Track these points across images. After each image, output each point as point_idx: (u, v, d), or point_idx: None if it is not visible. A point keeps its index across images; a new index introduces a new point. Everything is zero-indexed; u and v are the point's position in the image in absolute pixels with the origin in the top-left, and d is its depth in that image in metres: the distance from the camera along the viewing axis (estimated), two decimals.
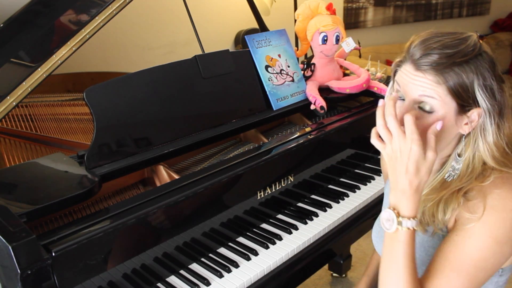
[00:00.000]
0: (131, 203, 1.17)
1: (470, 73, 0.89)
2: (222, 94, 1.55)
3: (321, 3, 1.85)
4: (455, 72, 0.88)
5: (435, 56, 0.89)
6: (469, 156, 0.94)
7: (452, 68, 0.88)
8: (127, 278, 1.14)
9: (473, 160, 0.94)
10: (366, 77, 1.85)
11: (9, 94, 1.27)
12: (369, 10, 3.87)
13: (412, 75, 0.92)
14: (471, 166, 0.94)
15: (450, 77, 0.88)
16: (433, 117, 0.91)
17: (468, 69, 0.89)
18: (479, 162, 0.94)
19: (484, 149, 0.93)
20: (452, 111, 0.91)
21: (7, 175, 1.23)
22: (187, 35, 2.25)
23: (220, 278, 1.23)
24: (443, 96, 0.89)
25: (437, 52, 0.89)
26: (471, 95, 0.90)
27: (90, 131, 1.60)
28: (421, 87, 0.91)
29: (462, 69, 0.89)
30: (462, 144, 0.95)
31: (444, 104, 0.90)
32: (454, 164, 0.96)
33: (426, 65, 0.90)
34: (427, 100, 0.91)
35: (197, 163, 1.52)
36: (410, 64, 0.93)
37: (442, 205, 0.94)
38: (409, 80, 0.92)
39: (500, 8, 4.92)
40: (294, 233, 1.42)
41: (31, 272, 0.93)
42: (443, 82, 0.89)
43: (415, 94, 0.92)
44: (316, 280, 2.38)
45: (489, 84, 0.90)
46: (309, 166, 1.59)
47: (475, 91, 0.89)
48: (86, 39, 1.39)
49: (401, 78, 0.95)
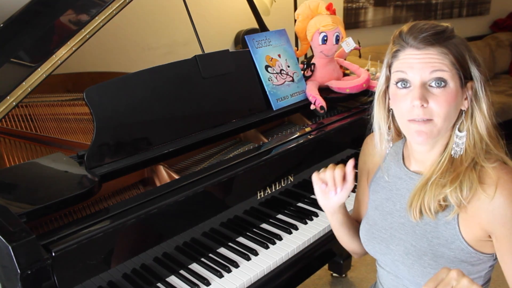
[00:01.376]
0: (131, 203, 1.17)
1: (461, 45, 0.96)
2: (222, 94, 1.55)
3: (321, 3, 1.85)
4: (453, 43, 0.95)
5: (432, 32, 0.95)
6: (469, 129, 0.98)
7: (449, 40, 0.95)
8: (127, 278, 1.14)
9: (472, 132, 0.98)
10: (366, 77, 1.85)
11: (9, 94, 1.27)
12: (369, 10, 3.87)
13: (418, 55, 0.95)
14: (472, 139, 0.98)
15: (451, 46, 0.95)
16: (447, 90, 0.94)
17: (458, 41, 0.96)
18: (478, 133, 0.98)
19: (480, 119, 0.97)
20: (458, 83, 0.95)
21: (7, 175, 1.23)
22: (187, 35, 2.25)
23: (220, 278, 1.23)
24: (450, 67, 0.94)
25: (431, 30, 0.95)
26: (467, 67, 0.96)
27: (90, 131, 1.60)
28: (430, 63, 0.94)
29: (456, 41, 0.96)
30: (461, 119, 0.99)
31: (452, 76, 0.94)
32: (457, 140, 0.99)
33: (428, 41, 0.94)
34: (439, 75, 0.94)
35: (197, 163, 1.52)
36: (410, 48, 0.96)
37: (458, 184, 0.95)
38: (417, 62, 0.95)
39: (500, 8, 4.91)
40: (294, 233, 1.42)
41: (31, 272, 0.93)
42: (448, 52, 0.94)
43: (427, 72, 0.94)
44: (316, 280, 2.38)
45: (475, 55, 0.97)
46: (309, 166, 1.59)
47: (469, 62, 0.96)
48: (86, 39, 1.39)
49: (405, 64, 0.97)
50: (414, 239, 1.02)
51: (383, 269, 1.14)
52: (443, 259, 0.98)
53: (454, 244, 0.97)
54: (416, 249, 1.01)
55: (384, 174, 1.12)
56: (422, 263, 1.00)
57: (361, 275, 2.40)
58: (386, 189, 1.11)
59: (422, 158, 1.05)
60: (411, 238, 1.03)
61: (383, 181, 1.12)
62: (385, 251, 1.09)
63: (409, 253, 1.03)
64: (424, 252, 1.00)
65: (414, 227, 1.03)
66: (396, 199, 1.08)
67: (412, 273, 1.03)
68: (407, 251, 1.03)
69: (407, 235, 1.04)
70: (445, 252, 0.98)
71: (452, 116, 0.97)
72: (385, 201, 1.11)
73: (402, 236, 1.05)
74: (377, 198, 1.14)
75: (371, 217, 1.14)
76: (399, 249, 1.05)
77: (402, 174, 1.08)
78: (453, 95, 0.94)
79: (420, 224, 1.01)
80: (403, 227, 1.05)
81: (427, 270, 0.99)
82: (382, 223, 1.10)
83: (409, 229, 1.04)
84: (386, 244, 1.08)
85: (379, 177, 1.14)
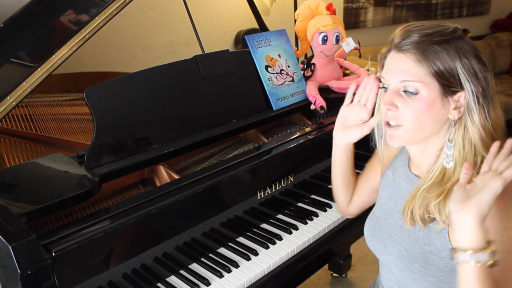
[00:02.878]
0: (131, 203, 1.17)
1: (451, 51, 0.90)
2: (222, 94, 1.55)
3: (321, 3, 1.85)
4: (434, 50, 0.90)
5: (415, 37, 0.92)
6: (459, 140, 0.94)
7: (431, 46, 0.91)
8: (127, 278, 1.14)
9: (464, 144, 0.94)
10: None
11: (9, 94, 1.27)
12: (369, 10, 3.87)
13: (394, 59, 0.95)
14: (462, 151, 0.94)
15: (429, 54, 0.90)
16: (419, 98, 0.92)
17: (448, 47, 0.91)
18: (470, 145, 0.94)
19: (473, 131, 0.93)
20: (437, 92, 0.92)
21: (7, 175, 1.23)
22: (187, 35, 2.25)
23: (220, 278, 1.23)
24: (422, 77, 0.91)
25: (416, 33, 0.92)
26: (455, 76, 0.91)
27: (90, 131, 1.60)
28: (401, 71, 0.93)
29: (442, 47, 0.91)
30: (452, 130, 0.96)
31: (425, 85, 0.92)
32: (446, 150, 0.96)
33: (406, 45, 0.92)
34: (408, 85, 0.93)
35: (197, 163, 1.52)
36: (392, 51, 0.96)
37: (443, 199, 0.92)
38: (392, 67, 0.95)
39: (500, 8, 4.91)
40: (294, 233, 1.42)
41: (31, 272, 0.93)
42: (423, 60, 0.91)
43: (397, 80, 0.94)
44: (316, 280, 2.38)
45: (470, 65, 0.91)
46: (309, 166, 1.59)
47: (458, 72, 0.91)
48: (86, 39, 1.39)
49: (386, 68, 0.98)
50: (408, 243, 1.02)
51: (383, 268, 1.14)
52: (433, 267, 0.97)
53: (444, 253, 0.95)
54: (408, 254, 1.01)
55: (392, 172, 1.12)
56: (412, 268, 0.99)
57: (361, 275, 2.40)
58: (392, 187, 1.11)
59: (416, 161, 1.05)
60: (405, 242, 1.02)
61: (390, 179, 1.12)
62: (383, 251, 1.09)
63: (402, 256, 1.02)
64: (415, 258, 0.99)
65: (409, 232, 1.02)
66: (398, 199, 1.08)
67: (403, 276, 1.02)
68: (401, 254, 1.03)
69: (402, 239, 1.04)
70: (436, 261, 0.96)
71: (426, 124, 0.94)
72: (389, 200, 1.11)
73: (398, 238, 1.05)
74: (383, 195, 1.14)
75: (376, 214, 1.14)
76: (394, 251, 1.05)
77: (405, 175, 1.08)
78: (426, 103, 0.92)
79: (414, 229, 1.01)
80: (401, 229, 1.05)
81: (417, 276, 0.98)
82: (384, 222, 1.10)
83: (405, 232, 1.03)
84: (384, 244, 1.08)
85: (389, 174, 1.14)
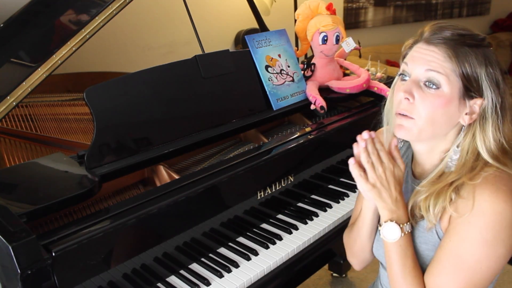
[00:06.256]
0: (131, 203, 1.17)
1: (480, 57, 0.90)
2: (222, 94, 1.55)
3: (321, 3, 1.85)
4: (465, 51, 0.90)
5: (448, 33, 0.92)
6: (465, 147, 0.94)
7: (463, 46, 0.90)
8: (127, 278, 1.14)
9: (467, 151, 0.94)
10: (366, 77, 1.85)
11: (9, 94, 1.27)
12: (369, 10, 3.87)
13: (423, 50, 0.93)
14: (463, 158, 0.94)
15: (460, 53, 0.90)
16: (438, 94, 0.91)
17: (478, 53, 0.91)
18: (472, 154, 0.93)
19: (480, 140, 0.92)
20: (457, 92, 0.91)
21: (7, 175, 1.23)
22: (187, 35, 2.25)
23: (220, 278, 1.23)
24: (449, 72, 0.90)
25: (450, 30, 0.92)
26: (477, 82, 0.91)
27: (90, 131, 1.60)
28: (429, 61, 0.92)
29: (472, 51, 0.90)
30: (461, 135, 0.95)
31: (449, 81, 0.90)
32: (452, 154, 0.96)
33: (439, 39, 0.92)
34: (433, 75, 0.91)
35: (197, 163, 1.52)
36: (421, 42, 0.95)
37: (433, 199, 0.93)
38: (419, 56, 0.94)
39: (500, 8, 4.92)
40: (294, 233, 1.42)
41: (31, 272, 0.93)
42: (453, 57, 0.90)
43: (422, 68, 0.93)
44: (316, 280, 2.38)
45: (495, 75, 0.91)
46: (309, 166, 1.59)
47: (482, 78, 0.91)
48: (86, 39, 1.39)
49: (411, 56, 0.96)
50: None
51: (383, 269, 1.14)
52: None
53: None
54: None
55: None
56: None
57: (361, 275, 2.40)
58: None
59: (420, 160, 1.04)
60: None
61: None
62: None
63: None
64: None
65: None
66: None
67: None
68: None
69: None
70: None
71: (439, 122, 0.93)
72: None
73: None
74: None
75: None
76: None
77: (405, 174, 1.08)
78: (444, 100, 0.91)
79: (415, 228, 1.01)
80: None
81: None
82: None
83: None
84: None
85: None
